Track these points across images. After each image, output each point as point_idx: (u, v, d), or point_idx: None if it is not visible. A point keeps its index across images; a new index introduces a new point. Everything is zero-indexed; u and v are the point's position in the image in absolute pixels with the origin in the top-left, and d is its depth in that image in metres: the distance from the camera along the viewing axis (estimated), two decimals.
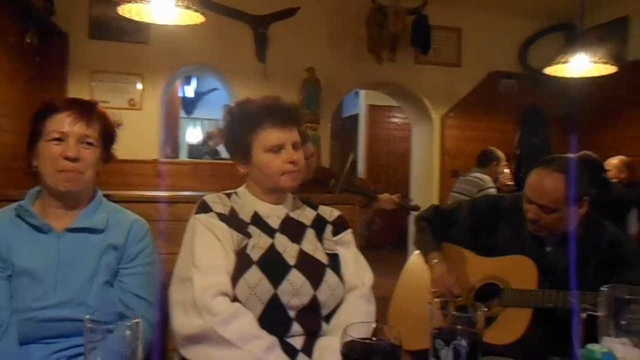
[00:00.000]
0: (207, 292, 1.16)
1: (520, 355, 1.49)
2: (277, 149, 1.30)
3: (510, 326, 1.52)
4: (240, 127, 1.34)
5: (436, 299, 0.87)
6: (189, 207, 1.36)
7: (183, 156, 7.23)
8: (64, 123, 1.26)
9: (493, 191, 3.93)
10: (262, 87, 4.38)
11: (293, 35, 4.63)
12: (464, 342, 0.75)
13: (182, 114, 8.13)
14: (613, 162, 4.03)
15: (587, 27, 4.44)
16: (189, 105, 8.84)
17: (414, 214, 2.74)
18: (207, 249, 1.24)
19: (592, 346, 0.71)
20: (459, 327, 0.78)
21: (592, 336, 0.92)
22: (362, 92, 7.64)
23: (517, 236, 1.68)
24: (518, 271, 1.60)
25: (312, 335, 1.24)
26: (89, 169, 1.29)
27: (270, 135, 1.30)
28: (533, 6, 5.03)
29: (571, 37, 4.94)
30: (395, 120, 8.01)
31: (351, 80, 5.05)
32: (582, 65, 3.40)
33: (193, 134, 8.98)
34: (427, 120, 5.34)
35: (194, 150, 7.59)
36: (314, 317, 1.25)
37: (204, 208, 1.31)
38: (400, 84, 5.14)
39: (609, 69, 3.45)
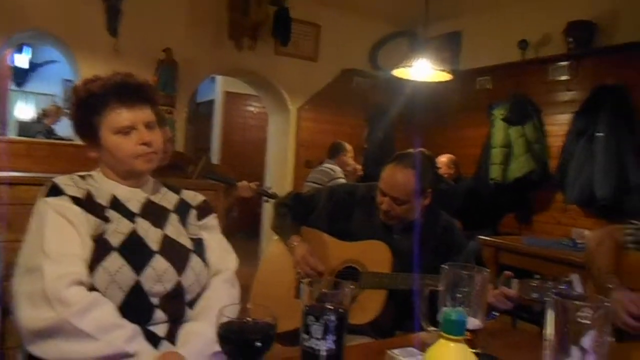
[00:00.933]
0: (60, 282, 1.07)
1: (372, 333, 1.63)
2: (127, 130, 1.23)
3: (367, 306, 1.64)
4: (85, 108, 1.24)
5: (306, 279, 0.92)
6: (33, 189, 1.24)
7: (12, 134, 6.40)
8: None
9: (343, 181, 4.19)
10: (113, 64, 4.06)
11: (150, 12, 4.37)
12: (332, 317, 0.81)
13: (13, 86, 7.18)
14: (442, 160, 4.55)
15: (428, 37, 4.92)
16: (21, 77, 7.83)
17: (271, 201, 2.80)
18: (59, 235, 1.14)
19: (447, 309, 0.83)
20: (327, 304, 0.84)
21: (434, 312, 1.06)
22: (218, 78, 7.49)
23: (369, 223, 1.82)
24: (374, 255, 1.72)
25: (175, 321, 1.22)
26: None
27: (119, 116, 1.22)
28: (383, 11, 5.41)
29: (414, 44, 5.42)
30: (252, 109, 8.01)
31: (210, 65, 4.93)
32: (423, 70, 3.75)
33: (24, 110, 7.98)
34: (283, 111, 5.45)
35: (25, 127, 6.74)
36: (177, 303, 1.23)
37: (55, 191, 1.20)
38: (259, 73, 5.16)
39: (445, 76, 3.86)
